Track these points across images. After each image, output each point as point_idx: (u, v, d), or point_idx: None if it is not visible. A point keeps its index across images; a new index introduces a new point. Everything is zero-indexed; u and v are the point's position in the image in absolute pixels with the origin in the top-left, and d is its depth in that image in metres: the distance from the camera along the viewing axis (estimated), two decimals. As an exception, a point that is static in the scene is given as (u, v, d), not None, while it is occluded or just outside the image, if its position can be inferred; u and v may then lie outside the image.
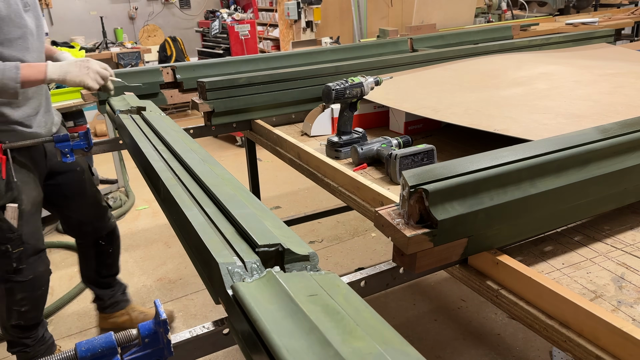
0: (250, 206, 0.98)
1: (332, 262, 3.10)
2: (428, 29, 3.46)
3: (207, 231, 0.90)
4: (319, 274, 0.77)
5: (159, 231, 3.55)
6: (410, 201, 0.89)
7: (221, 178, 1.14)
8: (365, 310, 0.66)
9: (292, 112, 2.01)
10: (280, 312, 0.65)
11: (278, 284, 0.72)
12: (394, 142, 1.51)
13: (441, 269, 1.02)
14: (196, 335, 0.85)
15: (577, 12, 5.13)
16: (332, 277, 0.76)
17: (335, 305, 0.66)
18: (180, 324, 2.59)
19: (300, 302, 0.65)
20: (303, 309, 0.64)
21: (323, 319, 0.62)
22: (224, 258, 0.79)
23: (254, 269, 0.78)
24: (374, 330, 0.61)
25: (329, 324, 0.61)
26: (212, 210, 1.00)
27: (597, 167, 1.02)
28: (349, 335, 0.59)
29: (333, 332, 0.60)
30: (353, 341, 0.58)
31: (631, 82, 1.78)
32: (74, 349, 0.72)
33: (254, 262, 0.79)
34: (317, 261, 0.81)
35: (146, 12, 7.83)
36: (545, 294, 0.84)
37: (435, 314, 2.55)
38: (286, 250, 0.79)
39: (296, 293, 0.68)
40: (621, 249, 1.02)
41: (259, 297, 0.69)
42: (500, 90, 1.79)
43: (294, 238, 0.86)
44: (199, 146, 1.46)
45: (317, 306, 0.65)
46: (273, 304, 0.67)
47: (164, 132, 1.57)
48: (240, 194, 1.05)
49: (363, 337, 0.59)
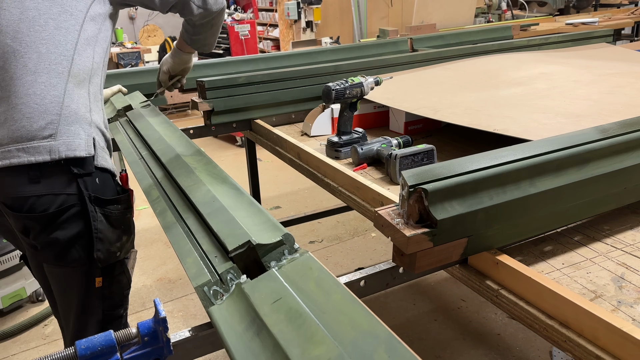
0: (222, 197, 0.99)
1: (332, 262, 3.10)
2: (428, 29, 3.46)
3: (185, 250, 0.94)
4: (292, 259, 0.79)
5: (159, 231, 3.55)
6: (409, 201, 0.89)
7: (197, 172, 1.14)
8: (336, 291, 0.68)
9: (291, 112, 2.01)
10: (247, 332, 0.69)
11: (245, 298, 0.75)
12: (394, 142, 1.51)
13: (441, 269, 1.02)
14: (196, 335, 0.85)
15: (577, 12, 5.13)
16: (305, 259, 0.78)
17: (299, 306, 0.68)
18: (180, 324, 2.59)
19: (264, 316, 0.69)
20: (266, 324, 0.67)
21: (285, 330, 0.65)
22: (200, 279, 0.82)
23: (230, 279, 0.80)
24: (343, 316, 0.64)
25: (291, 335, 0.64)
26: (189, 215, 1.03)
27: (596, 166, 1.02)
28: (309, 343, 0.62)
29: (294, 343, 0.63)
30: (313, 349, 0.61)
31: (631, 82, 1.78)
32: (74, 347, 0.72)
33: (229, 270, 0.81)
34: (293, 241, 0.81)
35: (146, 12, 7.83)
36: (545, 294, 0.84)
37: (435, 314, 2.55)
38: (257, 246, 0.80)
39: (260, 305, 0.71)
40: (621, 249, 1.02)
41: (229, 319, 0.73)
42: (500, 90, 1.79)
43: (267, 223, 0.87)
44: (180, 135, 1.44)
45: (280, 314, 0.68)
46: (242, 323, 0.71)
47: (145, 133, 1.56)
48: (214, 184, 1.07)
49: (323, 339, 0.61)
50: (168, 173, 1.23)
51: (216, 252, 0.86)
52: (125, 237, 1.39)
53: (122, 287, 1.44)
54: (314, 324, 0.64)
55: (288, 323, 0.66)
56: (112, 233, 1.33)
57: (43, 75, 1.23)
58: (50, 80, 1.24)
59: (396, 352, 0.57)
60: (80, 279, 1.35)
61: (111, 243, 1.33)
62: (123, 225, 1.37)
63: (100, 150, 1.32)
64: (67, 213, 1.27)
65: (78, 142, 1.26)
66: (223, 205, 0.95)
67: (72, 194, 1.26)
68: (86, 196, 1.27)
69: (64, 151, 1.23)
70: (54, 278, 1.38)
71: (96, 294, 1.37)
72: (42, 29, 1.25)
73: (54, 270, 1.35)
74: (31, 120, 1.22)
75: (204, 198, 1.01)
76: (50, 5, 1.27)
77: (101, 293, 1.38)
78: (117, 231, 1.35)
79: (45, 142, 1.22)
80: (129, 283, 1.48)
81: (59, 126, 1.24)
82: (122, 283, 1.44)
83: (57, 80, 1.25)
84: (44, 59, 1.24)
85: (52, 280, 1.39)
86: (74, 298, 1.37)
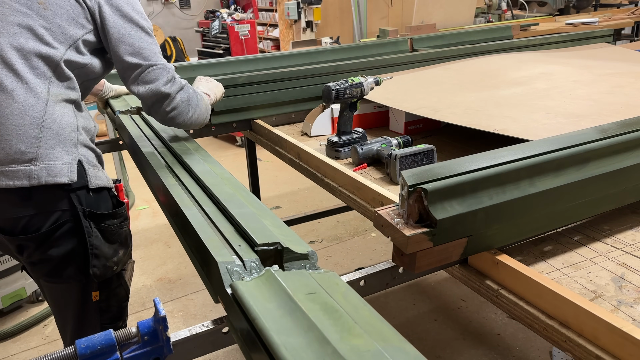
0: (249, 206, 0.99)
1: (332, 262, 3.10)
2: (428, 29, 3.46)
3: (206, 230, 0.91)
4: (317, 272, 0.78)
5: (159, 231, 3.55)
6: (409, 201, 0.89)
7: (220, 177, 1.14)
8: (363, 308, 0.67)
9: (291, 112, 2.01)
10: (278, 310, 0.66)
11: (277, 282, 0.72)
12: (394, 142, 1.51)
13: (441, 269, 1.02)
14: (195, 334, 0.85)
15: (577, 12, 5.13)
16: (331, 275, 0.77)
17: (334, 304, 0.66)
18: (180, 324, 2.59)
19: (298, 300, 0.66)
20: (302, 307, 0.64)
21: (322, 317, 0.63)
22: (222, 257, 0.79)
23: (253, 267, 0.78)
24: (373, 328, 0.62)
25: (328, 322, 0.62)
26: (212, 210, 1.01)
27: (596, 166, 1.02)
28: (347, 333, 0.60)
29: (331, 329, 0.60)
30: (351, 339, 0.59)
31: (630, 82, 1.78)
32: (74, 346, 0.72)
33: (252, 260, 0.79)
34: (316, 260, 0.81)
35: (146, 12, 7.77)
36: (545, 294, 0.84)
37: (435, 314, 2.55)
38: (285, 249, 0.79)
39: (295, 291, 0.69)
40: (621, 249, 1.02)
41: (257, 296, 0.69)
42: (499, 90, 1.79)
43: (293, 237, 0.87)
44: (198, 145, 1.46)
45: (315, 304, 0.66)
46: (272, 302, 0.68)
47: (163, 131, 1.57)
48: (240, 194, 1.06)
49: (361, 334, 0.59)
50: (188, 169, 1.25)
51: (240, 241, 0.86)
52: (122, 251, 1.35)
53: (119, 299, 1.41)
54: (350, 321, 0.62)
55: (324, 313, 0.64)
56: (109, 248, 1.30)
57: (21, 94, 1.17)
58: (29, 100, 1.17)
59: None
60: (76, 294, 1.32)
61: (107, 258, 1.30)
62: (119, 239, 1.33)
63: (92, 169, 1.27)
64: (60, 230, 1.23)
65: (60, 167, 1.19)
66: (251, 211, 0.95)
67: (65, 210, 1.22)
68: (80, 212, 1.22)
69: (43, 177, 1.17)
70: (49, 293, 1.36)
71: (93, 308, 1.34)
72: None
73: (49, 285, 1.32)
74: (10, 143, 1.15)
75: (229, 197, 1.01)
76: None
77: (98, 307, 1.35)
78: (113, 246, 1.31)
79: (24, 166, 1.16)
80: (126, 295, 1.44)
81: (39, 150, 1.17)
82: (120, 296, 1.41)
83: (35, 100, 1.18)
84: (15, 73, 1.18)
85: (48, 294, 1.37)
86: (70, 312, 1.34)
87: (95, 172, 1.28)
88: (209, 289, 0.89)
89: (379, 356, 0.56)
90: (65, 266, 1.26)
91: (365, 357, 0.56)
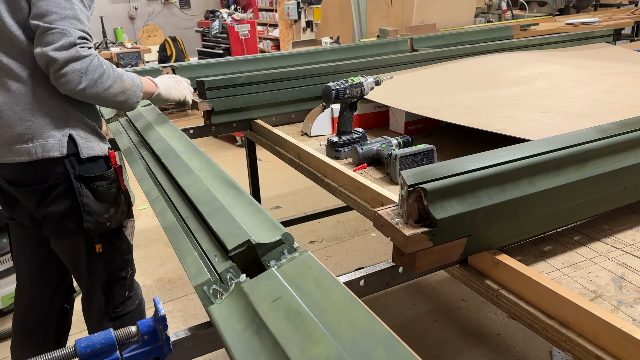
0: (222, 196, 0.99)
1: (332, 262, 3.10)
2: (428, 29, 3.46)
3: (184, 249, 0.93)
4: (291, 258, 0.78)
5: (159, 231, 3.55)
6: (408, 200, 0.89)
7: (197, 172, 1.14)
8: (335, 290, 0.68)
9: (291, 112, 2.01)
10: (247, 330, 0.69)
11: (245, 297, 0.75)
12: (394, 142, 1.51)
13: (441, 269, 1.01)
14: (195, 333, 0.85)
15: (577, 12, 5.13)
16: (304, 258, 0.78)
17: (298, 305, 0.68)
18: (180, 324, 2.59)
19: (263, 314, 0.69)
20: (265, 322, 0.67)
21: (284, 329, 0.65)
22: (200, 278, 0.81)
23: (230, 278, 0.79)
24: (342, 314, 0.63)
25: (290, 333, 0.64)
26: (188, 215, 1.03)
27: (595, 166, 1.02)
28: (308, 342, 0.62)
29: (293, 342, 0.62)
30: (312, 347, 0.61)
31: (630, 82, 1.78)
32: (74, 345, 0.72)
33: (228, 269, 0.80)
34: (292, 240, 0.81)
35: (146, 12, 7.83)
36: (545, 294, 0.84)
37: (435, 314, 2.55)
38: (256, 245, 0.80)
39: (260, 303, 0.71)
40: (621, 248, 1.02)
41: (229, 319, 0.73)
42: (499, 89, 1.79)
43: (267, 222, 0.87)
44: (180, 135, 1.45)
45: (279, 313, 0.68)
46: (241, 322, 0.71)
47: (145, 133, 1.56)
48: (214, 184, 1.07)
49: (322, 338, 0.61)
50: (167, 172, 1.23)
51: (216, 251, 0.87)
52: (113, 210, 1.54)
53: (122, 252, 1.61)
54: (312, 322, 0.63)
55: (287, 322, 0.66)
56: (99, 206, 1.50)
57: (13, 85, 1.38)
58: (20, 90, 1.38)
59: (395, 350, 0.57)
60: (81, 247, 1.54)
61: (99, 215, 1.50)
62: (109, 198, 1.52)
63: (84, 141, 1.46)
64: (57, 189, 1.45)
65: (52, 143, 1.41)
66: (222, 205, 0.95)
67: (60, 173, 1.44)
68: (72, 174, 1.44)
69: (40, 152, 1.41)
70: (60, 250, 1.58)
71: (98, 258, 1.56)
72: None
73: (57, 243, 1.56)
74: (11, 127, 1.39)
75: (203, 197, 1.01)
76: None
77: (103, 258, 1.57)
78: (104, 204, 1.51)
79: (25, 145, 1.40)
80: (129, 249, 1.65)
81: (33, 131, 1.40)
82: (122, 249, 1.61)
83: (25, 88, 1.38)
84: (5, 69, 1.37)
85: (60, 253, 1.59)
86: (80, 264, 1.57)
87: (87, 143, 1.47)
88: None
89: (339, 359, 0.57)
90: (65, 222, 1.49)
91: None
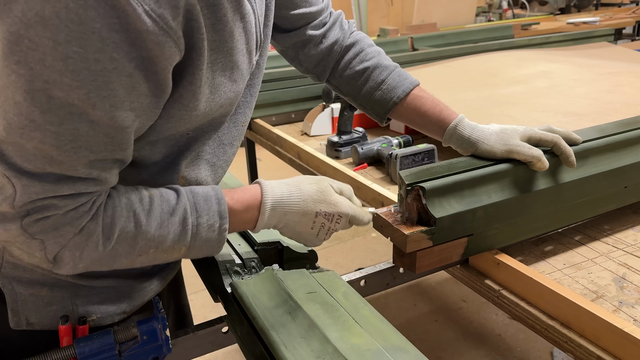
0: None
1: (332, 262, 3.09)
2: (429, 28, 3.45)
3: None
4: (318, 271, 0.77)
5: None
6: (407, 199, 0.88)
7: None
8: (364, 307, 0.66)
9: (291, 111, 2.01)
10: (278, 309, 0.66)
11: (277, 281, 0.72)
12: (394, 141, 1.50)
13: (442, 269, 1.01)
14: (195, 333, 0.84)
15: (578, 11, 5.13)
16: (331, 274, 0.76)
17: (334, 303, 0.66)
18: (180, 324, 2.58)
19: (298, 299, 0.66)
20: (302, 306, 0.64)
21: (322, 316, 0.62)
22: (222, 256, 0.79)
23: (252, 267, 0.78)
24: (373, 328, 0.62)
25: (328, 321, 0.62)
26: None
27: (595, 164, 1.01)
28: (347, 332, 0.59)
29: (332, 328, 0.60)
30: (352, 338, 0.59)
31: (631, 81, 1.78)
32: (73, 345, 0.72)
33: (252, 259, 0.79)
34: (316, 260, 0.81)
35: (147, 11, 7.82)
36: (547, 295, 0.84)
37: (436, 315, 2.55)
38: (285, 249, 0.79)
39: (295, 290, 0.68)
40: (622, 249, 1.01)
41: (257, 295, 0.69)
42: (500, 88, 1.79)
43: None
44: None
45: (315, 303, 0.65)
46: (272, 301, 0.68)
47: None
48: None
49: (361, 334, 0.59)
50: None
51: (240, 240, 0.86)
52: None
53: None
54: (350, 319, 0.62)
55: (324, 312, 0.64)
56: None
57: None
58: None
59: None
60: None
61: None
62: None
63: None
64: None
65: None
66: None
67: None
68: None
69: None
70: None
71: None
72: None
73: None
74: None
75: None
76: None
77: None
78: None
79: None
80: None
81: None
82: None
83: None
84: None
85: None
86: None
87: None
88: (209, 289, 0.89)
89: (380, 355, 0.56)
90: None
91: (365, 356, 0.56)
